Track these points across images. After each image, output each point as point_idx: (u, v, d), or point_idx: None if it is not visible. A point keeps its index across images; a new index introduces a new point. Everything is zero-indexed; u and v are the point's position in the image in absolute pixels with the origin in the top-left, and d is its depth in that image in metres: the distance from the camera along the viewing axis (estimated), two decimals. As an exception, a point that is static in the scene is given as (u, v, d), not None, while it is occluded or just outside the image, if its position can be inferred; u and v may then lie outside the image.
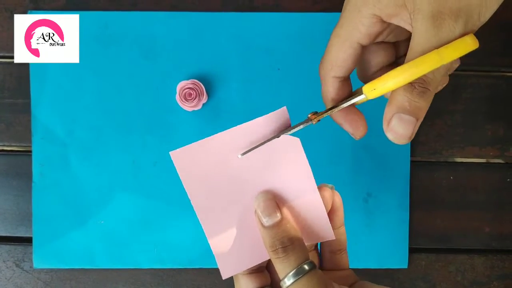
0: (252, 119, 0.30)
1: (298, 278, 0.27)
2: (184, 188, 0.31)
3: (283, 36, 0.52)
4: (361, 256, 0.52)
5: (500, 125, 0.53)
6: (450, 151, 0.53)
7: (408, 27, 0.28)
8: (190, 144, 0.30)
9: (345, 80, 0.31)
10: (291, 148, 0.30)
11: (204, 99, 0.50)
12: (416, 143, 0.53)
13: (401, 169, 0.52)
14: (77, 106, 0.51)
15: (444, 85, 0.31)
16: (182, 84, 0.50)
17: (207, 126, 0.51)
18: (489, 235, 0.53)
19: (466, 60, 0.53)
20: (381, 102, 0.39)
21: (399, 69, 0.27)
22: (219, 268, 0.31)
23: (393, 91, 0.27)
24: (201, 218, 0.30)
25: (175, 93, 0.50)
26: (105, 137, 0.51)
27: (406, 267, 0.53)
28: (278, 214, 0.29)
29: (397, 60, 0.33)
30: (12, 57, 0.51)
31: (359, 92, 0.29)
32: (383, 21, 0.29)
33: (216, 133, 0.30)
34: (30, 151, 0.51)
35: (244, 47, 0.51)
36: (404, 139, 0.27)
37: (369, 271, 0.52)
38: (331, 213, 0.32)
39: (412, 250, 0.53)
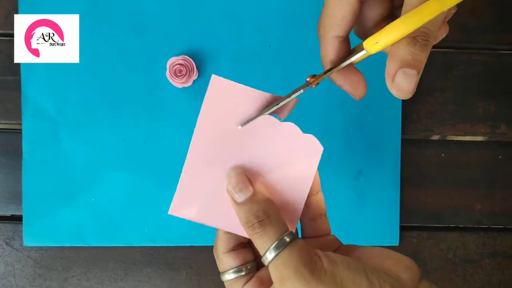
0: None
1: (280, 251, 0.27)
2: (175, 166, 0.30)
3: (274, 13, 0.52)
4: (352, 233, 0.52)
5: (491, 102, 0.53)
6: (441, 129, 0.53)
7: None
8: (234, 82, 0.29)
9: (345, 39, 0.30)
10: (310, 150, 0.30)
11: (195, 75, 0.50)
12: (407, 120, 0.53)
13: (392, 146, 0.52)
14: (67, 83, 0.51)
15: (445, 34, 0.31)
16: (172, 60, 0.49)
17: (197, 102, 0.51)
18: (481, 213, 0.53)
19: (458, 37, 0.53)
20: (372, 74, 0.38)
21: (400, 20, 0.26)
22: (172, 202, 0.30)
23: (394, 46, 0.27)
24: (190, 154, 0.30)
25: (166, 69, 0.50)
26: (96, 115, 0.51)
27: (397, 244, 0.53)
28: (250, 188, 0.29)
29: (393, 12, 0.32)
30: (2, 35, 0.51)
31: (357, 50, 0.29)
32: None
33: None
34: (20, 129, 0.51)
35: (235, 24, 0.51)
36: (408, 93, 0.27)
37: (360, 249, 0.52)
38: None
39: (403, 228, 0.53)
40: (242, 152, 0.30)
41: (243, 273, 0.30)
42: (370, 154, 0.52)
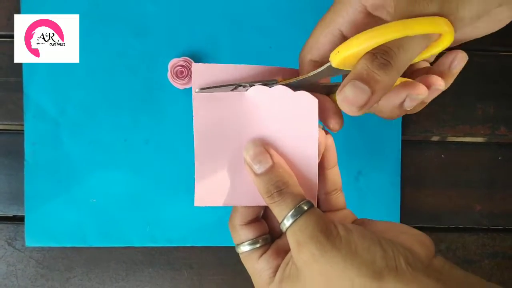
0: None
1: (297, 218, 0.27)
2: (176, 166, 0.30)
3: (275, 15, 0.52)
4: (353, 234, 0.52)
5: (490, 104, 0.53)
6: (441, 130, 0.53)
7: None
8: (214, 64, 0.30)
9: (320, 65, 0.31)
10: (306, 106, 0.30)
11: (196, 77, 0.50)
12: (407, 121, 0.53)
13: (392, 147, 0.53)
14: (69, 84, 0.51)
15: (416, 104, 0.31)
16: (173, 61, 0.50)
17: (198, 104, 0.51)
18: (480, 214, 0.54)
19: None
20: None
21: (363, 34, 0.26)
22: (195, 193, 0.30)
23: (356, 63, 0.27)
24: (197, 143, 0.30)
25: (167, 70, 0.50)
26: (97, 116, 0.51)
27: (397, 245, 0.53)
28: (269, 160, 0.29)
29: None
30: (4, 36, 0.51)
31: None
32: (368, 12, 0.29)
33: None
34: (22, 130, 0.51)
35: (236, 25, 0.52)
36: (353, 106, 0.26)
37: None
38: (324, 153, 0.32)
39: (403, 229, 0.53)
40: (246, 126, 0.30)
41: (258, 245, 0.31)
42: (370, 155, 0.52)
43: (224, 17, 0.51)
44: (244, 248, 0.31)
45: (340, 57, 0.27)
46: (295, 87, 0.30)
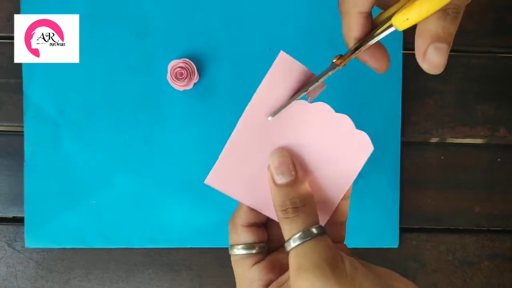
0: (244, 100, 0.29)
1: (305, 241, 0.26)
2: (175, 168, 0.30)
3: (274, 16, 0.52)
4: (352, 235, 0.52)
5: (490, 105, 0.53)
6: (441, 131, 0.53)
7: None
8: (297, 62, 0.29)
9: (368, 15, 0.29)
10: (359, 148, 0.30)
11: (196, 78, 0.50)
12: (406, 123, 0.53)
13: (392, 149, 0.53)
14: (68, 86, 0.51)
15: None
16: (173, 63, 0.50)
17: (198, 105, 0.51)
18: (479, 215, 0.54)
19: (457, 41, 0.53)
20: (370, 78, 0.37)
21: None
22: (210, 172, 0.29)
23: (423, 20, 0.26)
24: (238, 128, 0.29)
25: (167, 72, 0.50)
26: (97, 117, 0.51)
27: (397, 246, 0.53)
28: (293, 173, 0.28)
29: None
30: (4, 38, 0.51)
31: (382, 24, 0.28)
32: None
33: (207, 113, 0.30)
34: (22, 131, 0.51)
35: (236, 27, 0.52)
36: (440, 68, 0.26)
37: (360, 251, 0.53)
38: None
39: (402, 230, 0.53)
40: (282, 135, 0.29)
41: (254, 251, 0.30)
42: (370, 156, 0.52)
43: (223, 19, 0.51)
44: (238, 251, 0.30)
45: (409, 24, 0.26)
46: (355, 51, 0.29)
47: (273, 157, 0.29)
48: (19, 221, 0.52)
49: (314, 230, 0.26)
